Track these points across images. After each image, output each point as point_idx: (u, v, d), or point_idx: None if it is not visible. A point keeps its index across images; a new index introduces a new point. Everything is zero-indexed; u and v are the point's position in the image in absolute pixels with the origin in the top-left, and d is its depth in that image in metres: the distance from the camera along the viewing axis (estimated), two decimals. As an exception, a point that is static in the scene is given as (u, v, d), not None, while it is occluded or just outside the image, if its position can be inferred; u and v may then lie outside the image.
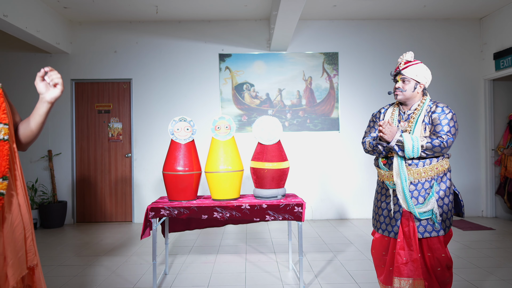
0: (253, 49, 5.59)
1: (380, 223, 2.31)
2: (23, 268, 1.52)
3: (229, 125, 2.92)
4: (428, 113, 2.19)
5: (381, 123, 2.17)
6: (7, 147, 1.49)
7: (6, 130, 1.49)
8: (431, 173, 2.14)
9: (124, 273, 3.33)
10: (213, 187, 2.85)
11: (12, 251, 1.49)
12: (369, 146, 2.34)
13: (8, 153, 1.50)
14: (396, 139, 2.11)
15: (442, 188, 2.15)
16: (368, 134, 2.43)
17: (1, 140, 1.48)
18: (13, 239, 1.50)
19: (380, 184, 2.37)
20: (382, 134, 2.16)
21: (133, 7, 5.05)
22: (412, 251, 2.14)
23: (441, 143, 2.07)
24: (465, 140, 5.66)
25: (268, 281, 3.07)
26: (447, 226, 2.16)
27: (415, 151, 2.08)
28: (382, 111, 2.42)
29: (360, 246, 4.03)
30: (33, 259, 1.57)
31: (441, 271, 2.15)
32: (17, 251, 1.51)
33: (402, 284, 2.15)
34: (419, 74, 2.22)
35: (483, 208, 5.63)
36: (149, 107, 5.56)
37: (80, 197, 5.59)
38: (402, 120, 2.27)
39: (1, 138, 1.48)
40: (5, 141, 1.49)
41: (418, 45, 5.64)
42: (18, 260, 1.50)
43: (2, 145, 1.48)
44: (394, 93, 2.29)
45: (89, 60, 5.54)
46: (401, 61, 2.28)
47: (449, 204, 2.16)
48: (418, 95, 2.26)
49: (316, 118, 5.60)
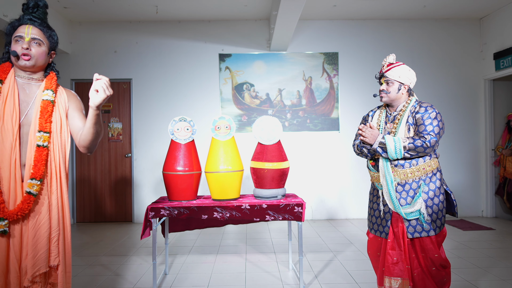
0: (253, 49, 5.59)
1: (373, 223, 2.36)
2: (43, 265, 1.62)
3: (229, 125, 2.92)
4: (412, 114, 2.22)
5: (361, 127, 2.23)
6: (45, 153, 1.65)
7: (47, 137, 1.66)
8: (418, 173, 2.16)
9: (124, 273, 3.33)
10: (213, 187, 2.85)
11: (33, 247, 1.60)
12: (357, 149, 2.39)
13: (46, 158, 1.65)
14: (378, 141, 2.16)
15: (431, 188, 2.17)
16: (358, 136, 2.46)
17: (41, 146, 1.64)
18: (35, 237, 1.61)
19: (372, 185, 2.42)
20: (362, 137, 2.22)
21: (133, 7, 5.05)
22: (402, 251, 2.17)
23: (424, 143, 2.09)
24: (465, 140, 5.66)
25: (268, 281, 3.07)
26: (438, 226, 2.17)
27: (398, 152, 2.12)
28: (370, 114, 2.47)
29: (360, 246, 4.03)
30: (55, 260, 1.66)
31: (436, 270, 2.17)
32: (39, 248, 1.61)
33: (393, 283, 2.18)
34: (402, 75, 2.25)
35: (483, 208, 5.63)
36: (149, 107, 5.56)
37: (80, 197, 5.59)
38: (389, 122, 2.31)
39: (41, 144, 1.64)
40: (44, 147, 1.65)
41: (418, 45, 5.65)
42: (39, 257, 1.61)
43: (41, 151, 1.64)
44: (379, 96, 2.33)
45: (89, 60, 5.54)
46: (384, 63, 2.32)
47: (439, 204, 2.16)
48: (403, 96, 2.29)
49: (316, 118, 5.60)
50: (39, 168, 1.61)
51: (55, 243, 1.66)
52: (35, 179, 1.60)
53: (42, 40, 1.70)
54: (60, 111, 1.74)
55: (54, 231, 1.66)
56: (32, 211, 1.62)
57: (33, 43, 1.67)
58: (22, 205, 1.58)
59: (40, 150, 1.63)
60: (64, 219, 1.72)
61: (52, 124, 1.69)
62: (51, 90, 1.71)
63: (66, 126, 1.76)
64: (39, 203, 1.64)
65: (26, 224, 1.62)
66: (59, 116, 1.72)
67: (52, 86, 1.73)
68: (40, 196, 1.64)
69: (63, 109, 1.76)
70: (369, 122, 2.32)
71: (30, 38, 1.66)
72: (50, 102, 1.69)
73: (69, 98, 1.81)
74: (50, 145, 1.67)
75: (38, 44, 1.68)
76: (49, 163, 1.67)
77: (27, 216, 1.62)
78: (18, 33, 1.67)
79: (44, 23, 1.74)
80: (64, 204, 1.72)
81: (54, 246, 1.66)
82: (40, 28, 1.71)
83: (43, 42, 1.71)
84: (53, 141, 1.68)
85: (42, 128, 1.64)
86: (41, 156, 1.62)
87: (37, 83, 1.74)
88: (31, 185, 1.60)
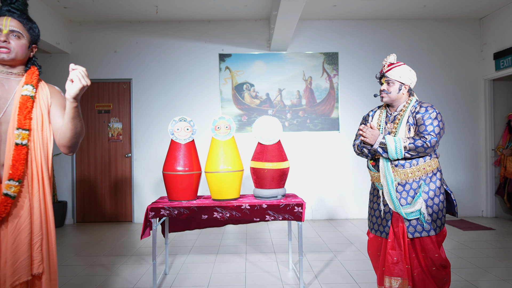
0: (253, 49, 5.59)
1: (373, 223, 2.36)
2: (24, 274, 1.49)
3: (229, 125, 2.92)
4: (412, 114, 2.22)
5: (362, 127, 2.23)
6: (24, 152, 1.53)
7: (26, 135, 1.54)
8: (419, 173, 2.17)
9: (124, 273, 3.33)
10: (213, 187, 2.85)
11: (12, 253, 1.48)
12: (357, 149, 2.39)
13: (25, 157, 1.53)
14: (379, 142, 2.17)
15: (432, 188, 2.17)
16: (358, 136, 2.47)
17: (19, 144, 1.52)
18: (15, 242, 1.49)
19: (372, 185, 2.42)
20: (363, 138, 2.22)
21: (133, 7, 5.05)
22: (402, 251, 2.17)
23: (424, 143, 2.09)
24: (465, 140, 5.66)
25: (268, 281, 3.07)
26: (438, 226, 2.17)
27: (399, 152, 2.12)
28: (370, 114, 2.47)
29: (360, 246, 4.03)
30: (39, 267, 1.53)
31: (436, 270, 2.18)
32: (19, 255, 1.49)
33: (393, 283, 2.19)
34: (403, 75, 2.25)
35: (483, 208, 5.63)
36: (149, 107, 5.56)
37: (80, 197, 5.59)
38: (389, 122, 2.32)
39: (20, 143, 1.52)
40: (23, 145, 1.53)
41: (418, 45, 5.65)
42: (19, 264, 1.48)
43: (20, 150, 1.52)
44: (380, 96, 2.33)
45: (89, 60, 5.54)
46: (385, 63, 2.32)
47: (439, 203, 2.17)
48: (404, 96, 2.29)
49: (316, 118, 5.60)
50: (18, 168, 1.50)
51: (38, 249, 1.53)
52: (13, 180, 1.49)
53: (21, 33, 1.59)
54: (41, 107, 1.61)
55: (36, 236, 1.54)
56: (10, 215, 1.50)
57: (11, 35, 1.57)
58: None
59: (19, 149, 1.51)
60: (48, 223, 1.60)
61: (32, 121, 1.57)
62: (31, 85, 1.59)
63: (48, 124, 1.64)
64: (18, 205, 1.51)
65: (4, 228, 1.49)
66: (40, 113, 1.60)
67: (32, 81, 1.61)
68: (19, 199, 1.52)
69: (44, 105, 1.63)
70: (370, 122, 2.32)
71: (8, 31, 1.56)
72: (30, 97, 1.57)
73: (52, 94, 1.68)
74: (30, 143, 1.55)
75: (17, 37, 1.58)
76: (29, 163, 1.55)
77: (5, 220, 1.50)
78: None
79: (23, 14, 1.64)
80: (48, 206, 1.60)
81: (37, 252, 1.53)
82: (20, 20, 1.60)
83: (23, 35, 1.60)
84: (33, 139, 1.57)
85: (21, 125, 1.52)
86: (20, 155, 1.51)
87: (17, 78, 1.62)
88: (9, 186, 1.49)
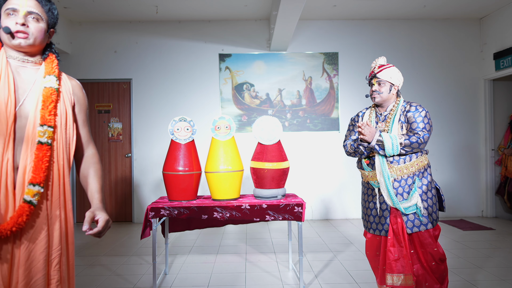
0: (253, 49, 5.59)
1: (370, 223, 2.39)
2: None
3: (229, 125, 2.92)
4: (403, 113, 2.32)
5: (360, 125, 2.29)
6: (48, 153, 1.29)
7: (51, 133, 1.31)
8: (412, 169, 2.25)
9: (124, 273, 3.33)
10: (213, 187, 2.85)
11: (26, 271, 1.25)
12: (350, 148, 2.44)
13: (48, 159, 1.30)
14: (376, 139, 2.23)
15: (424, 183, 2.26)
16: (348, 137, 2.53)
17: (44, 144, 1.29)
18: (29, 258, 1.26)
19: (365, 185, 2.46)
20: (362, 135, 2.27)
21: (133, 7, 5.05)
22: (402, 247, 2.21)
23: (418, 139, 2.20)
24: (465, 140, 5.66)
25: (268, 281, 3.07)
26: (434, 219, 2.26)
27: (395, 149, 2.20)
28: (360, 115, 2.53)
29: (360, 246, 4.03)
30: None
31: (436, 265, 2.22)
32: (34, 273, 1.25)
33: (395, 280, 2.21)
34: (393, 76, 2.35)
35: (483, 208, 5.63)
36: (149, 107, 5.56)
37: (80, 197, 5.58)
38: (380, 121, 2.39)
39: (45, 141, 1.29)
40: (48, 145, 1.30)
41: (418, 45, 5.64)
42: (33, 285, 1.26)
43: (44, 150, 1.29)
44: (371, 96, 2.39)
45: (89, 60, 5.54)
46: (375, 65, 2.42)
47: (432, 198, 2.27)
48: (393, 96, 2.39)
49: (316, 118, 5.60)
50: (41, 171, 1.27)
51: (56, 266, 1.30)
52: (38, 185, 1.25)
53: (40, 15, 1.36)
54: (65, 102, 1.41)
55: (55, 251, 1.31)
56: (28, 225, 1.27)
57: (29, 17, 1.33)
58: (17, 217, 1.21)
59: (42, 149, 1.28)
60: (67, 236, 1.37)
61: (56, 118, 1.35)
62: (54, 76, 1.38)
63: (72, 121, 1.42)
64: (33, 214, 1.27)
65: (17, 242, 1.25)
66: (64, 108, 1.39)
67: (54, 71, 1.39)
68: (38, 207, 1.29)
69: (68, 100, 1.43)
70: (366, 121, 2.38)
71: (26, 12, 1.32)
72: (55, 90, 1.36)
73: (75, 90, 1.48)
74: (54, 142, 1.33)
75: (35, 19, 1.34)
76: (51, 165, 1.32)
77: (19, 232, 1.25)
78: (11, 4, 1.32)
79: None
80: (68, 216, 1.37)
81: (55, 270, 1.30)
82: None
83: (42, 17, 1.36)
84: (57, 138, 1.34)
85: (45, 121, 1.30)
86: (44, 157, 1.27)
87: (35, 67, 1.40)
88: (32, 192, 1.24)
